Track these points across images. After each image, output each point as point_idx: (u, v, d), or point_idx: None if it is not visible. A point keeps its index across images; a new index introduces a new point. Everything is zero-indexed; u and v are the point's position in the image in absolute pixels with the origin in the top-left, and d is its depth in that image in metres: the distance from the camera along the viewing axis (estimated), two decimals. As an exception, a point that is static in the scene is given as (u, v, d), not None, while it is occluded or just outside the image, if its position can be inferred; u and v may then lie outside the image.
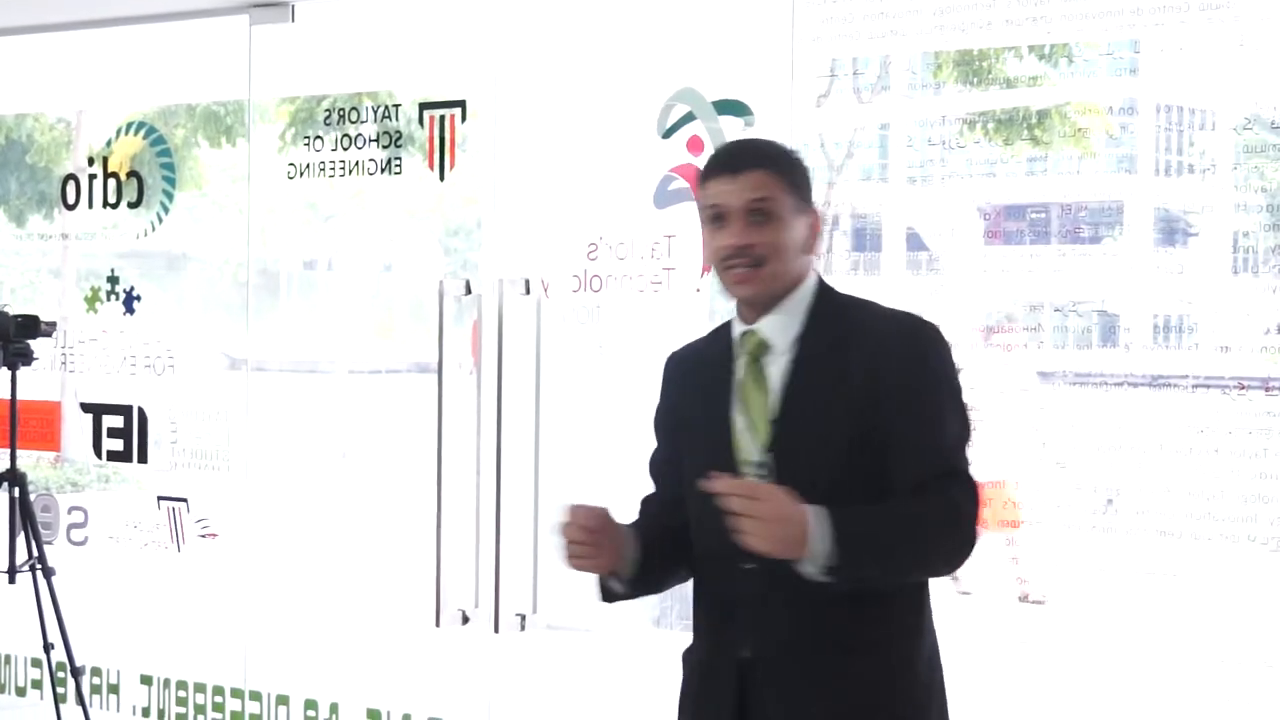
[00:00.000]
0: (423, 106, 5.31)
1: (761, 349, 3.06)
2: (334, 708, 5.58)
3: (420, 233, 5.56)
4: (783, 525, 2.82)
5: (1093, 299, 4.35)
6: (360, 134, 5.44)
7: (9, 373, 5.70)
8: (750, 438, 3.03)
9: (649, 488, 3.27)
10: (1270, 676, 4.08)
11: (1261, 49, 4.11)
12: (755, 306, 3.07)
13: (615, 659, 4.97)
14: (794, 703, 2.98)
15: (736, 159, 3.08)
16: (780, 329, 3.06)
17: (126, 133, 6.05)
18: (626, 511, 3.12)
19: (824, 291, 3.10)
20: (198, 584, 5.86)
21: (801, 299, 3.07)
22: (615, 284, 4.88)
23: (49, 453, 6.27)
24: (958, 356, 3.06)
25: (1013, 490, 4.37)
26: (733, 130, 4.71)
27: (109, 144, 6.08)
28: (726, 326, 3.16)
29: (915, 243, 4.59)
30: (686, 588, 3.19)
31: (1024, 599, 4.44)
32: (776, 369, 3.04)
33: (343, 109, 5.49)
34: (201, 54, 5.82)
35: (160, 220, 5.98)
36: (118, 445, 6.04)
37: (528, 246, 5.04)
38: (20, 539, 5.74)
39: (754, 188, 3.01)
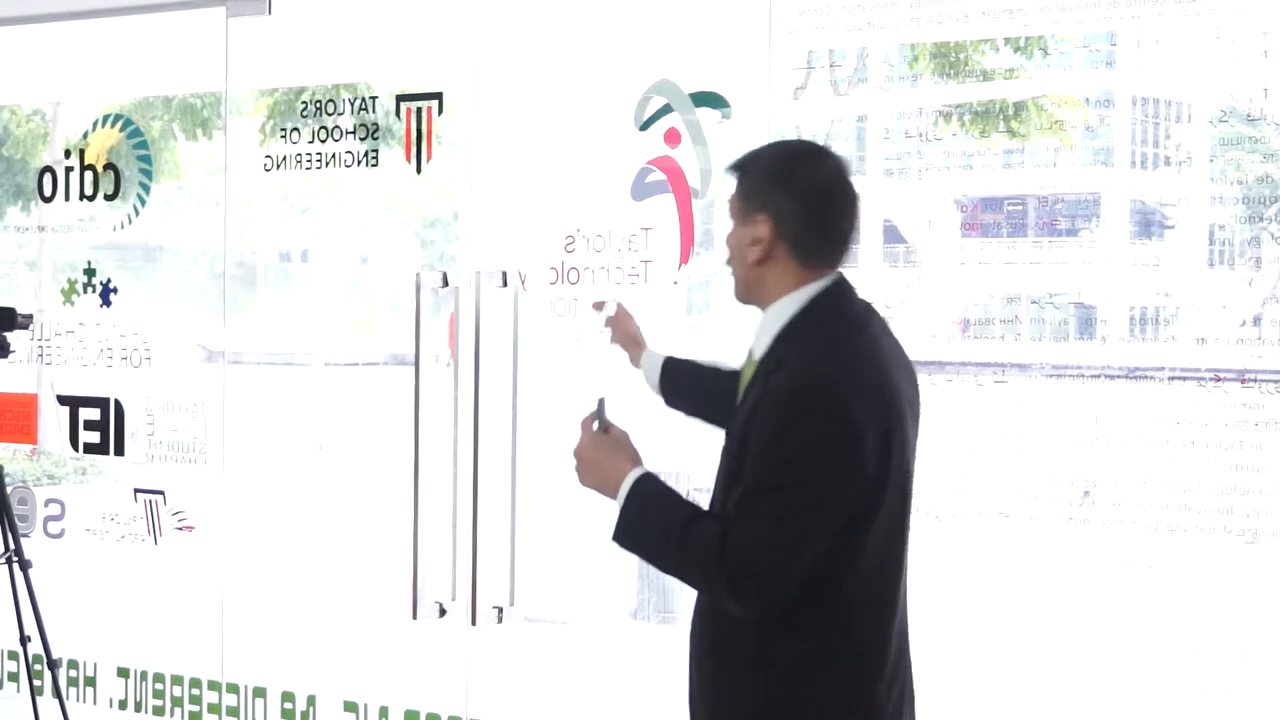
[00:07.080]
0: (400, 99, 5.29)
1: (749, 358, 2.95)
2: (311, 700, 5.57)
3: (397, 225, 5.55)
4: (593, 473, 2.99)
5: (1069, 291, 4.35)
6: (337, 126, 5.43)
7: (-14, 365, 5.70)
8: None
9: None
10: (1244, 666, 4.09)
11: (1237, 41, 4.12)
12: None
13: (593, 652, 4.97)
14: None
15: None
16: (758, 342, 2.94)
17: (103, 125, 6.03)
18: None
19: (811, 311, 2.88)
20: (175, 576, 5.85)
21: (778, 315, 2.90)
22: (592, 276, 4.87)
23: (25, 445, 6.26)
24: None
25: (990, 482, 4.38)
26: (709, 122, 4.71)
27: (85, 136, 6.06)
28: None
29: (892, 235, 4.59)
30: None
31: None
32: (745, 382, 2.95)
33: (319, 101, 5.47)
34: (178, 46, 5.80)
35: (137, 212, 5.96)
36: (94, 438, 6.03)
37: (505, 239, 5.04)
38: (-4, 532, 5.73)
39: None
